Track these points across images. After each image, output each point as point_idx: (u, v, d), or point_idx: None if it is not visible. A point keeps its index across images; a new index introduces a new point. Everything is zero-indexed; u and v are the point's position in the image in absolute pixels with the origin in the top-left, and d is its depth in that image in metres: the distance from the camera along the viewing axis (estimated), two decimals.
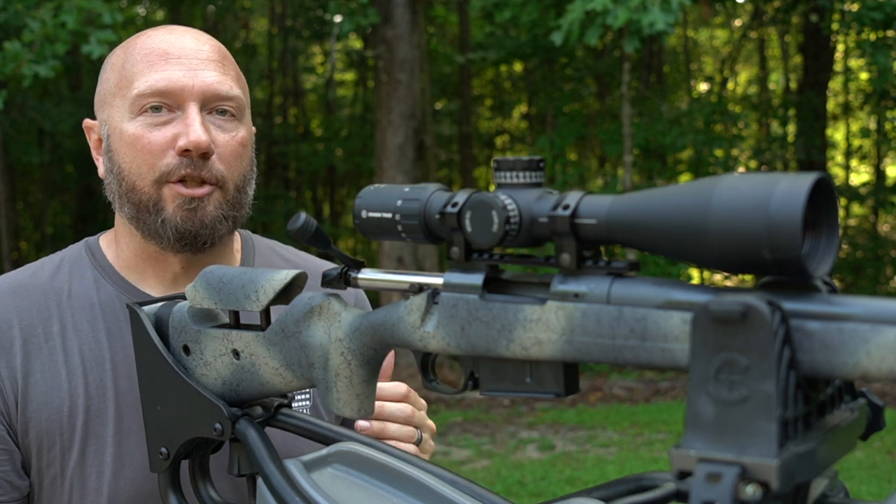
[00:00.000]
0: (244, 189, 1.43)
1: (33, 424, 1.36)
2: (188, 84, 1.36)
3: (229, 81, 1.41)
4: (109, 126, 1.41)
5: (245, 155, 1.43)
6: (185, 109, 1.37)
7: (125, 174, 1.38)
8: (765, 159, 13.82)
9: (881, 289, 13.36)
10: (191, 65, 1.38)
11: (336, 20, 10.04)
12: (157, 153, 1.36)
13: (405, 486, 1.00)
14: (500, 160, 0.91)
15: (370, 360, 1.05)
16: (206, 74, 1.38)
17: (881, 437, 7.08)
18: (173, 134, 1.36)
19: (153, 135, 1.36)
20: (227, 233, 1.42)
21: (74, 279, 1.44)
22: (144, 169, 1.36)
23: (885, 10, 9.06)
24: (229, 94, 1.40)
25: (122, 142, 1.38)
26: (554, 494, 5.67)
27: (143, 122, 1.37)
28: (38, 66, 7.49)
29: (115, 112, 1.40)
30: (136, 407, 1.36)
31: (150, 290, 1.45)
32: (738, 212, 0.74)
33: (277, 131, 16.04)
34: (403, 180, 9.53)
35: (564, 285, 0.88)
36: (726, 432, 0.73)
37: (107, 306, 1.42)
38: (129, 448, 1.37)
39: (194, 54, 1.39)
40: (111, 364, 1.39)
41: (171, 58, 1.38)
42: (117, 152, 1.39)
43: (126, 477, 1.36)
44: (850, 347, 0.73)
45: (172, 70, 1.37)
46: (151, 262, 1.44)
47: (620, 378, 10.05)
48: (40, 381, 1.37)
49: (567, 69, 13.74)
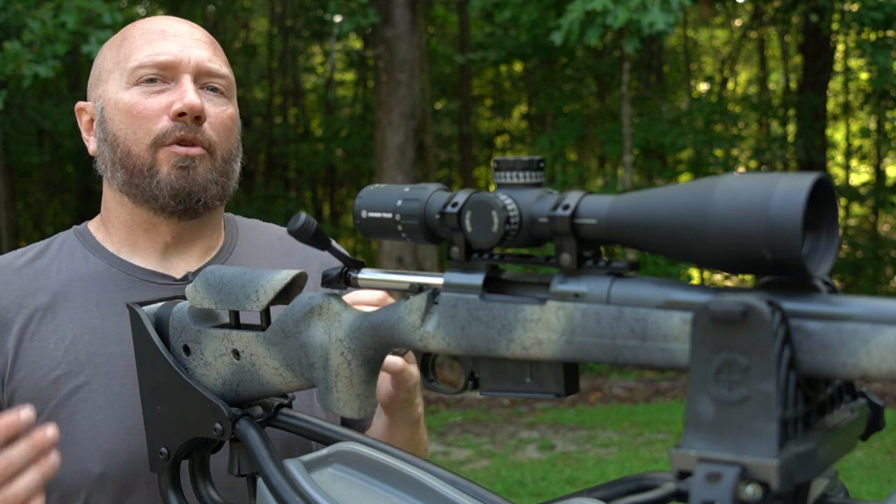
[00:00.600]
0: (230, 162, 1.49)
1: (20, 392, 1.37)
2: (184, 58, 1.45)
3: (219, 61, 1.49)
4: (104, 99, 1.46)
5: (234, 130, 1.50)
6: (179, 80, 1.44)
7: (120, 140, 1.43)
8: (765, 159, 13.82)
9: (881, 289, 13.36)
10: (185, 43, 1.47)
11: (336, 20, 10.04)
12: (153, 118, 1.42)
13: (405, 486, 1.00)
14: (500, 160, 0.91)
15: (370, 360, 1.05)
16: (199, 52, 1.47)
17: (881, 437, 7.08)
18: (168, 101, 1.43)
19: (149, 101, 1.43)
20: (217, 198, 1.46)
21: (63, 257, 1.48)
22: (140, 133, 1.42)
23: (885, 10, 9.06)
24: (220, 72, 1.48)
25: (118, 110, 1.44)
26: (554, 494, 5.67)
27: (138, 91, 1.44)
28: (38, 66, 7.49)
29: (111, 85, 1.46)
30: (129, 372, 1.37)
31: (141, 262, 1.47)
32: (738, 212, 0.74)
33: (277, 131, 16.03)
34: (403, 180, 9.53)
35: (564, 285, 0.88)
36: (726, 432, 0.73)
37: (96, 278, 1.45)
38: (119, 411, 1.37)
39: (188, 34, 1.49)
40: (102, 332, 1.40)
41: (168, 35, 1.47)
42: (112, 122, 1.44)
43: (119, 439, 1.36)
44: (850, 347, 0.73)
45: (170, 45, 1.45)
46: (142, 231, 1.48)
47: (620, 378, 10.05)
48: (29, 350, 1.39)
49: (567, 69, 13.74)
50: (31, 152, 12.76)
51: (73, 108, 1.54)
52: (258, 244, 1.57)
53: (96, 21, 7.67)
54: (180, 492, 1.22)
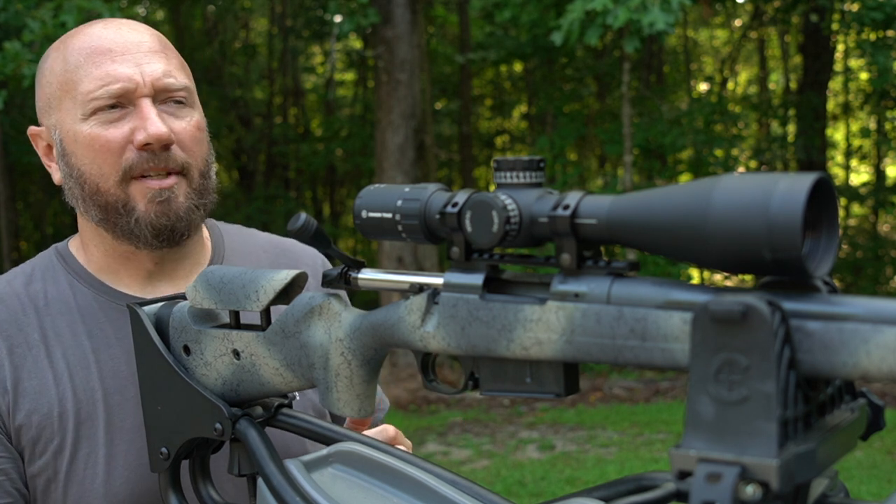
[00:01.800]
0: (207, 174, 1.42)
1: (24, 431, 1.35)
2: (138, 81, 1.35)
3: (174, 72, 1.40)
4: (61, 130, 1.38)
5: (203, 139, 1.43)
6: (138, 105, 1.35)
7: (87, 177, 1.36)
8: (765, 159, 13.82)
9: (881, 289, 13.35)
10: (136, 59, 1.36)
11: (336, 20, 10.03)
12: (117, 150, 1.35)
13: (405, 486, 1.00)
14: (501, 160, 0.91)
15: (370, 360, 1.05)
16: (152, 67, 1.37)
17: (881, 437, 7.07)
18: (130, 128, 1.35)
19: (109, 132, 1.35)
20: (200, 221, 1.42)
21: (49, 285, 1.43)
22: (106, 169, 1.35)
23: (885, 10, 9.05)
24: (177, 85, 1.39)
25: (79, 144, 1.36)
26: (554, 494, 5.67)
27: (96, 122, 1.35)
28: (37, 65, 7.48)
29: (65, 115, 1.37)
30: (125, 406, 1.36)
31: (125, 289, 1.43)
32: (738, 212, 0.74)
33: (277, 131, 16.02)
34: (403, 180, 9.53)
35: (564, 285, 0.88)
36: (726, 432, 0.73)
37: (85, 309, 1.41)
38: (121, 447, 1.36)
39: (137, 47, 1.38)
40: (96, 366, 1.38)
41: (115, 54, 1.36)
42: (74, 156, 1.37)
43: (120, 476, 1.36)
44: (851, 347, 0.73)
45: (120, 67, 1.35)
46: (123, 261, 1.43)
47: (620, 378, 10.05)
48: (28, 388, 1.36)
49: (567, 69, 13.73)
50: (31, 152, 12.71)
51: None
52: (245, 254, 1.53)
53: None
54: (180, 492, 1.22)
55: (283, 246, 1.59)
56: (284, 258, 1.55)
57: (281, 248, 1.58)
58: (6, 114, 10.56)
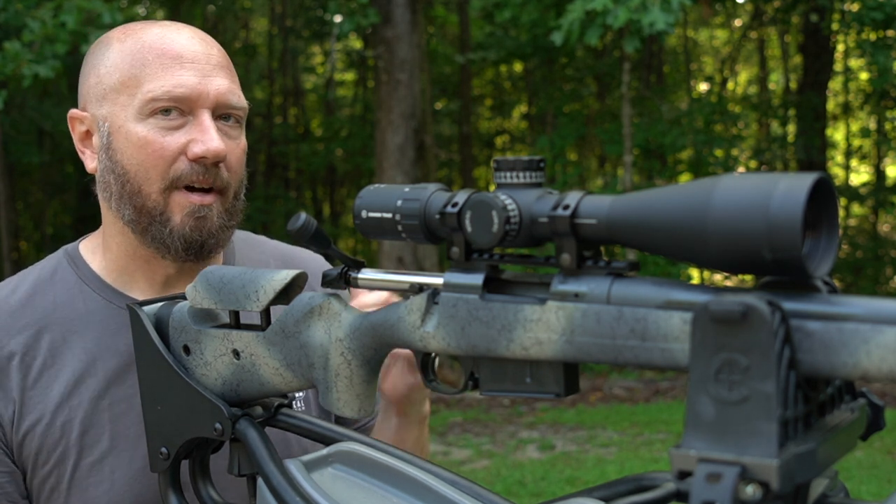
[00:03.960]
0: (240, 196, 1.42)
1: (28, 440, 1.35)
2: (203, 91, 1.35)
3: (238, 91, 1.41)
4: (112, 123, 1.36)
5: (244, 162, 1.43)
6: (197, 115, 1.35)
7: (131, 176, 1.35)
8: (765, 159, 13.82)
9: (881, 289, 13.35)
10: (204, 70, 1.36)
11: (336, 20, 10.04)
12: (169, 158, 1.34)
13: (405, 486, 1.00)
14: (500, 160, 0.91)
15: (370, 360, 1.05)
16: (218, 82, 1.37)
17: (881, 437, 7.08)
18: (186, 140, 1.34)
19: (166, 140, 1.34)
20: (227, 241, 1.42)
21: (58, 291, 1.42)
22: (154, 174, 1.34)
23: (885, 10, 9.05)
24: (239, 105, 1.40)
25: (129, 142, 1.35)
26: (554, 494, 5.67)
27: (154, 126, 1.34)
28: (38, 66, 7.49)
29: (120, 110, 1.36)
30: (130, 414, 1.36)
31: (138, 294, 1.42)
32: (738, 212, 0.74)
33: (277, 131, 16.02)
34: (403, 180, 9.53)
35: (564, 285, 0.88)
36: (726, 432, 0.73)
37: (93, 316, 1.40)
38: (125, 455, 1.36)
39: (206, 59, 1.38)
40: (104, 374, 1.37)
41: (185, 61, 1.36)
42: (121, 152, 1.35)
43: (124, 485, 1.35)
44: (851, 347, 0.73)
45: (188, 75, 1.35)
46: (143, 263, 1.42)
47: (620, 378, 10.05)
48: (34, 396, 1.36)
49: (567, 69, 13.73)
50: (31, 152, 12.75)
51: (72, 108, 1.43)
52: (256, 263, 1.53)
53: (96, 21, 7.67)
54: (180, 492, 1.22)
55: (291, 255, 1.59)
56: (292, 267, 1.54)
57: (289, 258, 1.57)
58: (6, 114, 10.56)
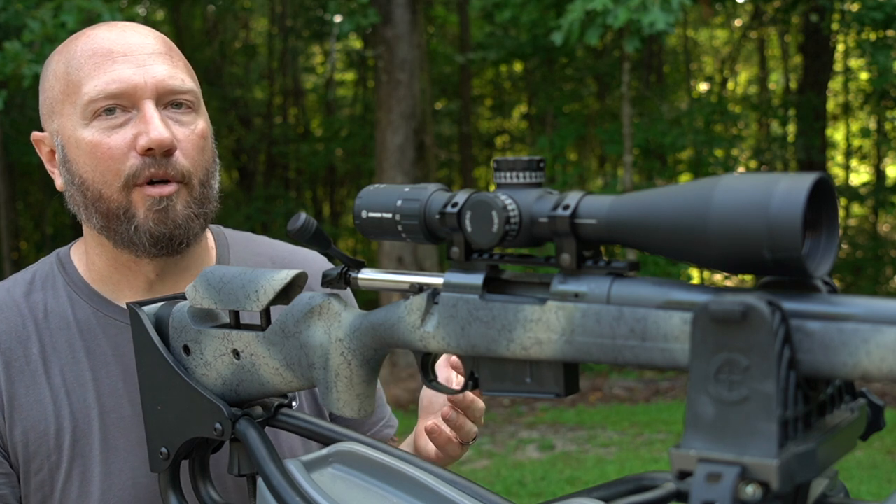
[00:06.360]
0: (209, 183, 1.39)
1: (20, 448, 1.34)
2: (140, 82, 1.32)
3: (180, 74, 1.36)
4: (62, 136, 1.35)
5: (207, 147, 1.39)
6: (141, 108, 1.32)
7: (89, 184, 1.33)
8: (765, 159, 13.82)
9: (881, 289, 13.35)
10: (138, 60, 1.33)
11: (336, 20, 10.03)
12: (119, 157, 1.31)
13: (405, 486, 1.00)
14: (500, 160, 0.91)
15: (370, 360, 1.05)
16: (156, 69, 1.33)
17: (881, 437, 7.08)
18: (133, 134, 1.31)
19: (112, 139, 1.31)
20: (200, 230, 1.39)
21: (48, 297, 1.41)
22: (109, 176, 1.32)
23: (885, 10, 9.05)
24: (183, 88, 1.36)
25: (80, 150, 1.33)
26: (554, 494, 5.67)
27: (98, 128, 1.32)
28: (38, 66, 7.48)
29: (67, 120, 1.34)
30: (121, 424, 1.36)
31: (125, 301, 1.40)
32: (738, 212, 0.74)
33: (277, 131, 16.02)
34: (403, 180, 9.53)
35: (564, 285, 0.88)
36: (726, 432, 0.73)
37: (83, 325, 1.39)
38: (116, 465, 1.35)
39: (140, 49, 1.34)
40: (93, 383, 1.37)
41: (117, 56, 1.33)
42: (76, 162, 1.34)
43: (115, 495, 1.35)
44: (851, 347, 0.73)
45: (121, 69, 1.32)
46: (124, 270, 1.40)
47: (620, 378, 10.05)
48: (25, 404, 1.35)
49: (567, 69, 13.73)
50: (31, 152, 12.71)
51: None
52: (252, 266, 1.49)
53: (96, 21, 7.67)
54: (180, 492, 1.22)
55: (291, 254, 1.56)
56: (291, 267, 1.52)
57: (288, 258, 1.54)
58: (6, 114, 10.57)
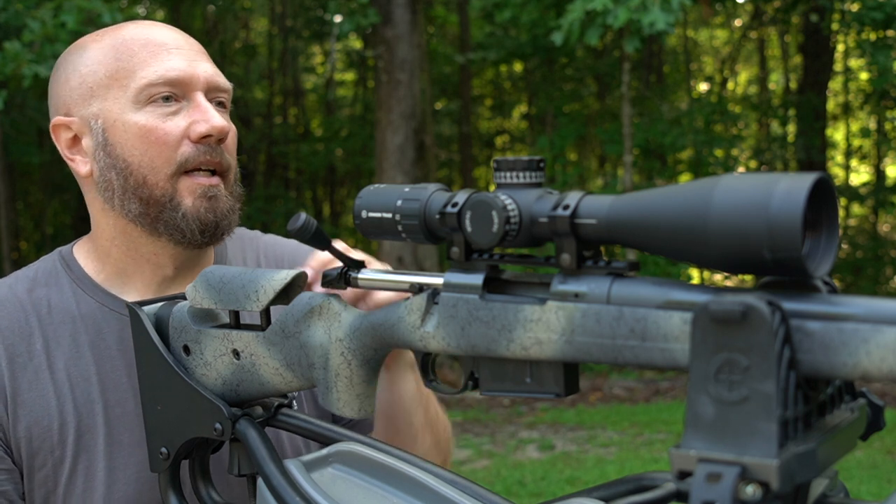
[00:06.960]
0: (237, 181, 1.42)
1: (24, 443, 1.34)
2: (194, 74, 1.35)
3: (221, 73, 1.42)
4: (105, 119, 1.34)
5: (236, 146, 1.43)
6: (193, 99, 1.35)
7: (133, 168, 1.33)
8: (765, 159, 13.82)
9: (881, 289, 13.35)
10: (188, 55, 1.37)
11: (336, 20, 10.04)
12: (173, 144, 1.33)
13: (405, 486, 1.00)
14: (500, 160, 0.91)
15: (370, 360, 1.06)
16: (204, 66, 1.38)
17: (881, 437, 7.07)
18: (186, 123, 1.34)
19: (167, 125, 1.33)
20: (236, 223, 1.41)
21: (52, 292, 1.40)
22: (159, 161, 1.33)
23: (885, 10, 9.05)
24: (226, 87, 1.41)
25: (129, 134, 1.33)
26: (554, 494, 5.67)
27: (153, 113, 1.33)
28: (38, 66, 7.48)
29: (112, 104, 1.34)
30: (125, 419, 1.35)
31: (133, 297, 1.40)
32: (738, 212, 0.74)
33: (277, 131, 16.02)
34: (403, 180, 9.53)
35: (564, 285, 0.88)
36: (726, 432, 0.73)
37: (88, 319, 1.38)
38: (120, 460, 1.35)
39: (188, 46, 1.39)
40: (97, 377, 1.36)
41: (170, 47, 1.36)
42: (121, 146, 1.33)
43: (119, 490, 1.34)
44: (851, 347, 0.73)
45: (175, 60, 1.35)
46: (142, 263, 1.40)
47: (620, 378, 10.05)
48: (28, 399, 1.34)
49: (567, 69, 13.73)
50: (31, 152, 12.75)
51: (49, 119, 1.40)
52: (247, 262, 1.52)
53: (96, 21, 7.67)
54: (180, 492, 1.22)
55: (284, 249, 1.56)
56: (284, 264, 1.52)
57: (281, 253, 1.55)
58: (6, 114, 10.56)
